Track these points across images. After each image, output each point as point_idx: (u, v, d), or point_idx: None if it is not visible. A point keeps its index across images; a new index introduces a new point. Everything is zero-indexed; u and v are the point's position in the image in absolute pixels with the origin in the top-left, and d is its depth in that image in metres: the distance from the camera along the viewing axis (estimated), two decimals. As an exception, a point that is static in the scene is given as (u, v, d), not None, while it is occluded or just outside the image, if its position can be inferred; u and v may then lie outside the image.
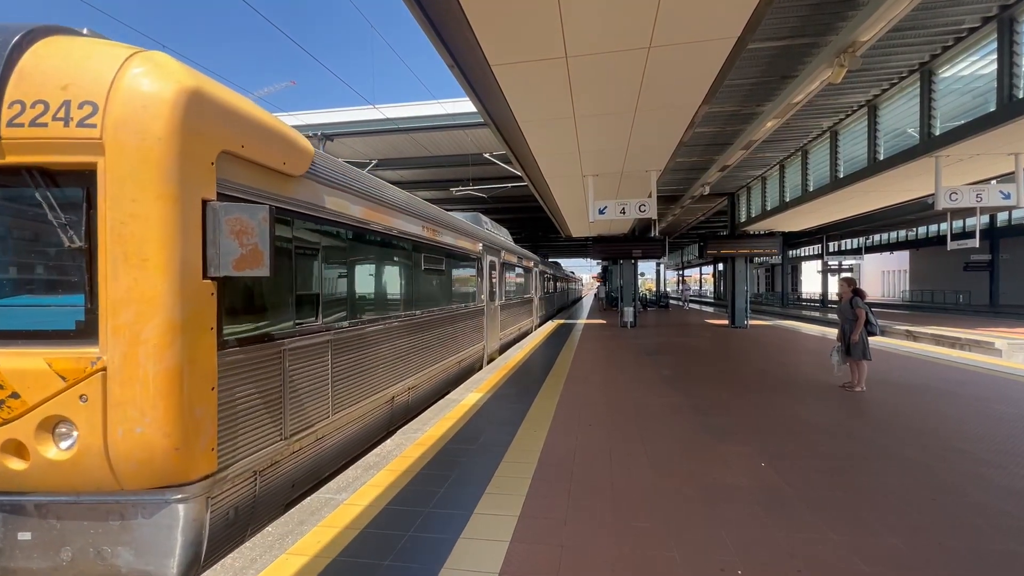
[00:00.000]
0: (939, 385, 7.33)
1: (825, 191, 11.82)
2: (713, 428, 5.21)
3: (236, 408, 3.20)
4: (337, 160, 4.82)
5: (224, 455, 3.06)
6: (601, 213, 10.26)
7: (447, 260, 8.11)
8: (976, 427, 5.19)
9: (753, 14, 4.55)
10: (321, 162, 4.34)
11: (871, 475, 3.92)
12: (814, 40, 6.88)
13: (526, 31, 4.84)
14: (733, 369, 8.89)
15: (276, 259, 3.47)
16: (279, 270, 3.76)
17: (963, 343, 14.54)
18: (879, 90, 9.35)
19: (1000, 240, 31.29)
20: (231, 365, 3.16)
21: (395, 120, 15.66)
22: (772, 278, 54.93)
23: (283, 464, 3.73)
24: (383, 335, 5.54)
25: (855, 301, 6.86)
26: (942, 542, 2.89)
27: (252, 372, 3.36)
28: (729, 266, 17.85)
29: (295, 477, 3.93)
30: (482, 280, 10.43)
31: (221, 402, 3.03)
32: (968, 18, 6.99)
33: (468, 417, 5.72)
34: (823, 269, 36.18)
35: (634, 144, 8.51)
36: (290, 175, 3.78)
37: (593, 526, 3.12)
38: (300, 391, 3.93)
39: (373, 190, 5.45)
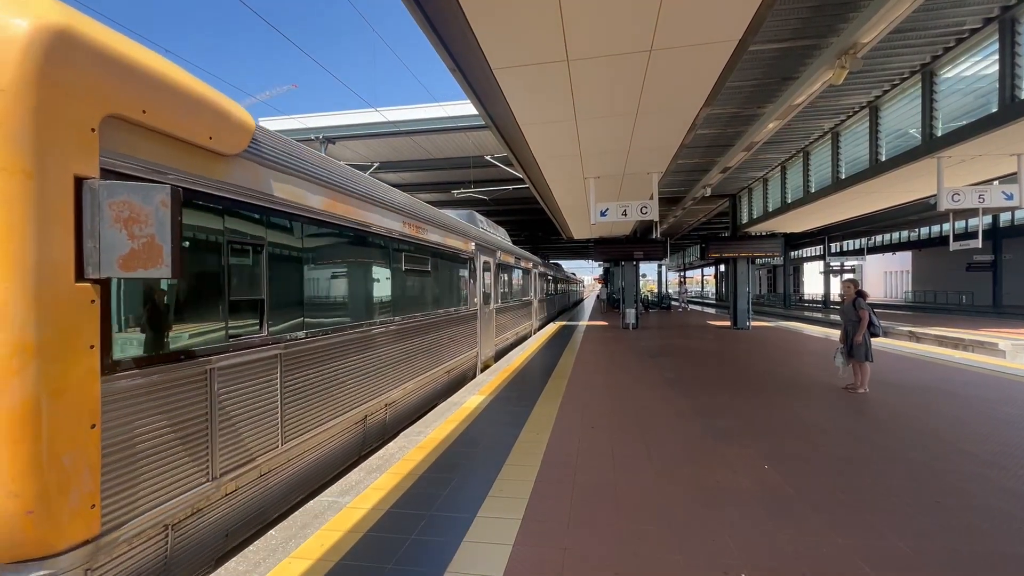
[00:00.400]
0: (942, 386, 7.30)
1: (827, 192, 11.82)
2: (716, 430, 5.20)
3: (134, 449, 2.53)
4: (289, 139, 4.11)
5: (113, 512, 2.41)
6: (603, 215, 10.26)
7: (433, 260, 7.35)
8: (980, 429, 5.17)
9: (754, 17, 4.56)
10: (266, 140, 3.66)
11: (875, 477, 3.91)
12: (815, 42, 6.88)
13: (528, 35, 4.85)
14: (735, 371, 8.87)
15: (198, 256, 3.00)
16: (205, 270, 3.14)
17: (966, 344, 14.50)
18: (880, 91, 9.35)
19: (1003, 240, 31.19)
20: (125, 393, 2.49)
21: (396, 123, 15.70)
22: (774, 279, 54.86)
23: (210, 511, 3.08)
24: (354, 345, 4.85)
25: (858, 302, 6.85)
26: (947, 545, 2.88)
27: (160, 400, 2.71)
28: (731, 267, 17.82)
29: (230, 525, 3.26)
30: (475, 282, 9.68)
31: (108, 443, 2.38)
32: (969, 19, 7.00)
33: (471, 420, 5.72)
34: (825, 270, 36.09)
35: (636, 146, 8.52)
36: (221, 153, 3.14)
37: (596, 529, 3.12)
38: (236, 419, 3.25)
39: (340, 178, 4.74)
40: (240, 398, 3.31)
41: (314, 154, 4.48)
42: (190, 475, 2.90)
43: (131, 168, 2.53)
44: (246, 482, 3.36)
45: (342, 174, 4.89)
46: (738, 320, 17.23)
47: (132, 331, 2.66)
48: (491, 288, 11.08)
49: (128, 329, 2.64)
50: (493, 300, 11.23)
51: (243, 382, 3.34)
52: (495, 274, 11.55)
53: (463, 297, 8.95)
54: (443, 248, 7.79)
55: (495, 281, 11.55)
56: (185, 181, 2.87)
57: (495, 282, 11.54)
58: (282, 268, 3.87)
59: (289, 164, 3.90)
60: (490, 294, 10.90)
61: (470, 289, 9.37)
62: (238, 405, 3.29)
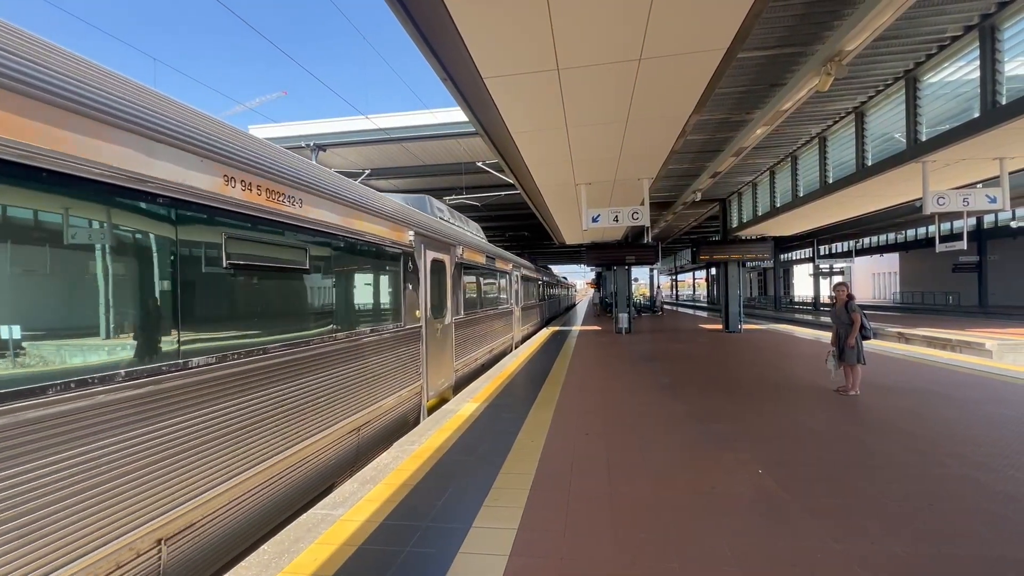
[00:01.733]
0: (932, 387, 7.38)
1: (815, 196, 11.96)
2: (710, 435, 5.21)
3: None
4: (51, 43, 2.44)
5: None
6: (595, 221, 10.31)
7: (325, 254, 4.62)
8: (970, 430, 5.22)
9: (741, 26, 4.62)
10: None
11: (868, 480, 3.93)
12: (801, 49, 6.99)
13: (518, 45, 4.88)
14: (728, 375, 8.91)
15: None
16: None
17: (954, 344, 14.69)
18: (866, 97, 9.50)
19: (988, 241, 31.74)
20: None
21: (387, 130, 15.69)
22: (765, 282, 55.28)
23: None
24: (153, 404, 2.71)
25: (851, 305, 6.92)
26: (941, 549, 2.90)
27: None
28: (722, 271, 17.95)
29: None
30: (418, 287, 6.78)
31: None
32: (951, 27, 7.14)
33: (465, 428, 5.69)
34: (815, 272, 36.48)
35: (626, 153, 8.58)
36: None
37: (592, 537, 3.10)
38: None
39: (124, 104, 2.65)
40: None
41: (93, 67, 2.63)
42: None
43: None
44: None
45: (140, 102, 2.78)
46: (730, 323, 17.34)
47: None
48: (449, 294, 8.34)
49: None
50: (452, 311, 8.44)
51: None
52: (455, 276, 8.72)
53: (396, 309, 6.13)
54: (349, 236, 4.95)
55: (456, 285, 8.75)
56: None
57: (456, 287, 8.73)
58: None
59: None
60: (446, 303, 8.19)
61: (409, 297, 6.43)
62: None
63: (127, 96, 2.75)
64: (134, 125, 2.70)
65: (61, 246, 2.45)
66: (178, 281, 2.98)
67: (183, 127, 3.04)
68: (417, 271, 6.75)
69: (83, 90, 2.46)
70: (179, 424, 2.87)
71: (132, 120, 2.70)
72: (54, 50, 2.45)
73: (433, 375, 7.27)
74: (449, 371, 8.18)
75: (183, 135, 3.00)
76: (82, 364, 2.47)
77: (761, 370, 9.33)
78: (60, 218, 2.42)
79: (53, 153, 2.27)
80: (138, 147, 2.72)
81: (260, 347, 3.61)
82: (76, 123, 2.40)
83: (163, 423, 2.77)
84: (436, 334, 7.52)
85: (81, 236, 2.54)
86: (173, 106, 3.12)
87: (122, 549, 2.52)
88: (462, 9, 4.29)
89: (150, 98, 2.93)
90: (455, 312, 8.66)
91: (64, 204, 2.42)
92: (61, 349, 2.44)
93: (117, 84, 2.74)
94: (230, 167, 3.38)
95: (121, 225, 2.71)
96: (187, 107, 3.28)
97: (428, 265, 7.25)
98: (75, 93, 2.41)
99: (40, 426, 2.20)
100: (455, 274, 8.72)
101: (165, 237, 2.91)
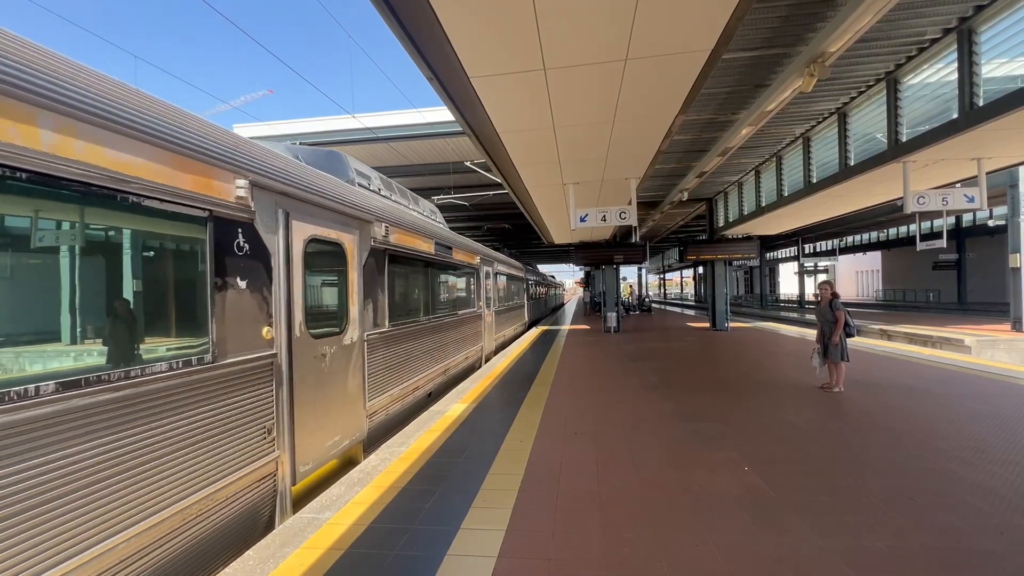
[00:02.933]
0: (914, 383, 7.52)
1: (799, 196, 12.12)
2: (698, 433, 5.25)
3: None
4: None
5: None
6: (583, 221, 10.34)
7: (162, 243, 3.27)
8: (951, 425, 5.33)
9: (726, 27, 4.66)
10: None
11: (852, 476, 3.99)
12: (785, 51, 7.07)
13: (504, 44, 4.87)
14: (716, 373, 8.99)
15: None
16: None
17: (935, 341, 14.99)
18: (848, 98, 9.65)
19: (966, 240, 32.41)
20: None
21: (374, 129, 15.59)
22: (751, 280, 55.98)
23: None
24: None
25: (835, 304, 7.02)
26: (923, 543, 2.95)
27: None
28: (709, 270, 18.12)
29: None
30: (270, 285, 3.92)
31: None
32: (929, 29, 7.27)
33: (453, 429, 5.67)
34: (800, 271, 36.99)
35: (613, 153, 8.61)
36: None
37: (581, 538, 3.11)
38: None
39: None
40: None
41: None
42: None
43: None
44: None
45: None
46: (717, 321, 17.50)
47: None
48: (355, 295, 5.27)
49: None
50: (365, 320, 5.45)
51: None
52: (372, 268, 5.70)
53: (195, 326, 3.28)
54: (180, 200, 3.04)
55: (373, 282, 5.69)
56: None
57: (373, 284, 5.68)
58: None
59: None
60: (348, 309, 5.14)
61: (238, 303, 3.54)
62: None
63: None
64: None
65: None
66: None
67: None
68: (266, 256, 3.79)
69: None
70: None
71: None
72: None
73: (310, 433, 4.21)
74: (354, 418, 5.08)
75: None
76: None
77: (747, 368, 9.43)
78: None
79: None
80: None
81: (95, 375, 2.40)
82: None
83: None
84: (322, 362, 4.46)
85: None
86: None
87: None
88: (448, 8, 4.27)
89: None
90: (373, 322, 5.64)
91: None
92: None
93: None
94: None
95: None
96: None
97: (298, 247, 4.15)
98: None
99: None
100: (372, 265, 5.64)
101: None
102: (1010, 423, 5.32)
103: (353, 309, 5.18)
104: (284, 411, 3.88)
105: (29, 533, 2.14)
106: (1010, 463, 4.19)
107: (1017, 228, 15.33)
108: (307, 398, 4.23)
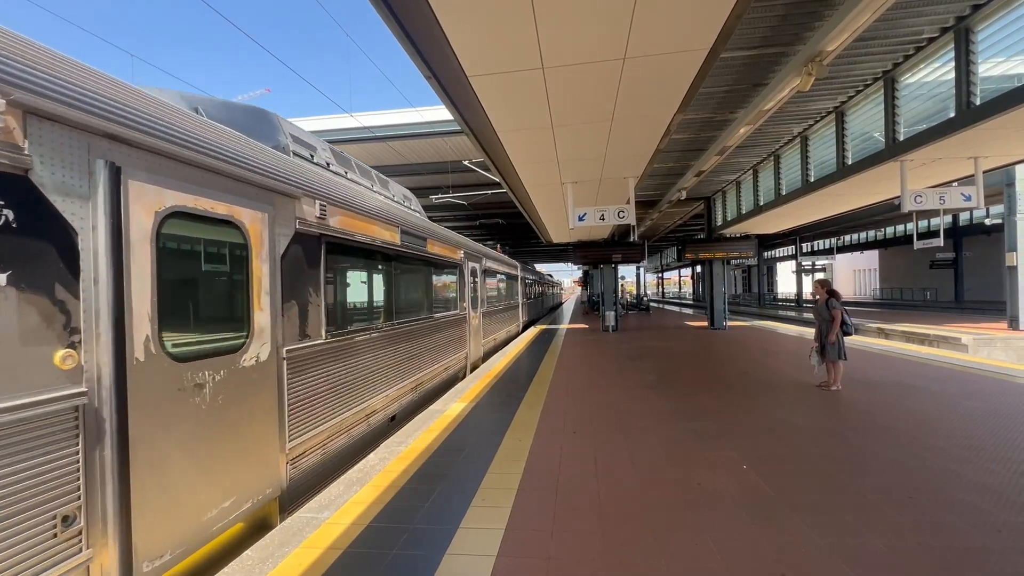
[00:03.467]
0: (911, 381, 7.54)
1: (797, 195, 12.14)
2: (696, 432, 5.26)
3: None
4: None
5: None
6: (581, 220, 10.34)
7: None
8: (947, 423, 5.35)
9: (724, 25, 4.66)
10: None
11: (850, 475, 4.00)
12: (783, 49, 7.07)
13: (503, 43, 4.86)
14: (714, 372, 9.01)
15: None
16: None
17: (931, 339, 15.03)
18: (846, 97, 9.66)
19: (963, 239, 32.53)
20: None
21: (372, 128, 15.57)
22: (748, 279, 56.05)
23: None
24: None
25: (831, 302, 7.04)
26: (921, 541, 2.96)
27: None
28: (707, 268, 18.15)
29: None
30: (93, 280, 2.52)
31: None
32: (927, 28, 7.28)
33: (452, 428, 5.66)
34: (797, 269, 37.09)
35: (612, 152, 8.61)
36: None
37: (580, 537, 3.11)
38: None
39: None
40: None
41: None
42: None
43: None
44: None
45: None
46: (715, 320, 17.53)
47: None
48: (261, 297, 3.79)
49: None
50: (151, 344, 2.83)
51: None
52: (320, 261, 4.63)
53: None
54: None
55: (291, 276, 4.18)
56: None
57: (288, 279, 4.12)
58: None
59: None
60: (104, 326, 2.56)
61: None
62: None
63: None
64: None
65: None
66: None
67: None
68: (63, 233, 2.42)
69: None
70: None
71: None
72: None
73: (165, 509, 2.85)
74: (261, 469, 3.69)
75: None
76: None
77: (745, 367, 9.44)
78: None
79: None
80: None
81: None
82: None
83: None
84: (196, 396, 3.08)
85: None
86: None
87: None
88: (446, 8, 4.26)
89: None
90: (299, 333, 4.24)
91: None
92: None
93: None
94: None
95: None
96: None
97: (142, 223, 2.81)
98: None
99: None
100: (298, 255, 4.27)
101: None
102: (1007, 421, 5.35)
103: (260, 316, 3.74)
104: (108, 482, 2.52)
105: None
106: (1007, 461, 4.20)
107: (1013, 227, 15.39)
108: (160, 454, 2.82)
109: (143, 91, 3.10)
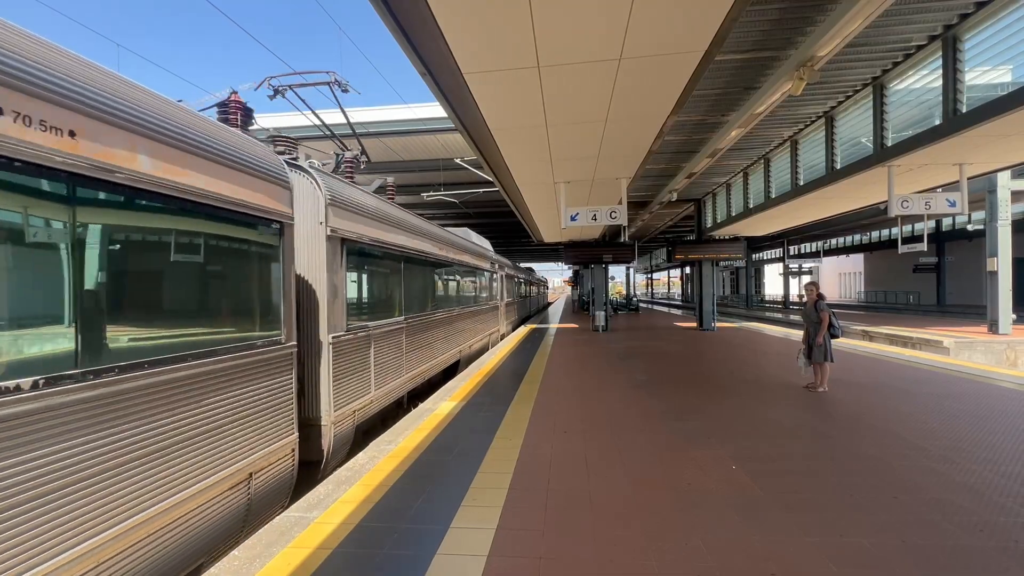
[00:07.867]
0: (895, 383, 7.67)
1: (786, 198, 12.26)
2: (686, 432, 5.29)
3: None
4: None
5: None
6: (573, 220, 10.33)
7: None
8: (931, 424, 5.44)
9: (720, 28, 4.68)
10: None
11: (837, 475, 4.05)
12: (775, 54, 7.13)
13: (499, 41, 4.83)
14: (703, 372, 9.07)
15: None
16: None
17: (914, 342, 15.29)
18: (835, 102, 9.76)
19: (946, 243, 33.13)
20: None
21: (363, 124, 15.43)
22: (737, 280, 56.58)
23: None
24: None
25: (819, 305, 7.12)
26: (905, 540, 3.00)
27: None
28: (696, 270, 18.28)
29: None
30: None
31: None
32: (915, 36, 7.38)
33: (443, 427, 5.64)
34: (784, 272, 37.53)
35: (605, 152, 8.62)
36: None
37: (571, 536, 3.11)
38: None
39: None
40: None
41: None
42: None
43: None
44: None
45: None
46: (704, 321, 17.66)
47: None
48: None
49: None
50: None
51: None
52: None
53: None
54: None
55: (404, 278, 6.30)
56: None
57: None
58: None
59: None
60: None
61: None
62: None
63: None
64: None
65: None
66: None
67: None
68: None
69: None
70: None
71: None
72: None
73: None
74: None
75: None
76: None
77: (734, 367, 9.53)
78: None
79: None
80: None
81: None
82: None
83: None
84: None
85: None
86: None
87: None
88: (443, 5, 4.22)
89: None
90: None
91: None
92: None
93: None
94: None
95: None
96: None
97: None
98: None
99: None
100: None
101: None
102: (987, 422, 5.45)
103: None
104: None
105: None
106: (988, 461, 4.28)
107: (994, 233, 15.69)
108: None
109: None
